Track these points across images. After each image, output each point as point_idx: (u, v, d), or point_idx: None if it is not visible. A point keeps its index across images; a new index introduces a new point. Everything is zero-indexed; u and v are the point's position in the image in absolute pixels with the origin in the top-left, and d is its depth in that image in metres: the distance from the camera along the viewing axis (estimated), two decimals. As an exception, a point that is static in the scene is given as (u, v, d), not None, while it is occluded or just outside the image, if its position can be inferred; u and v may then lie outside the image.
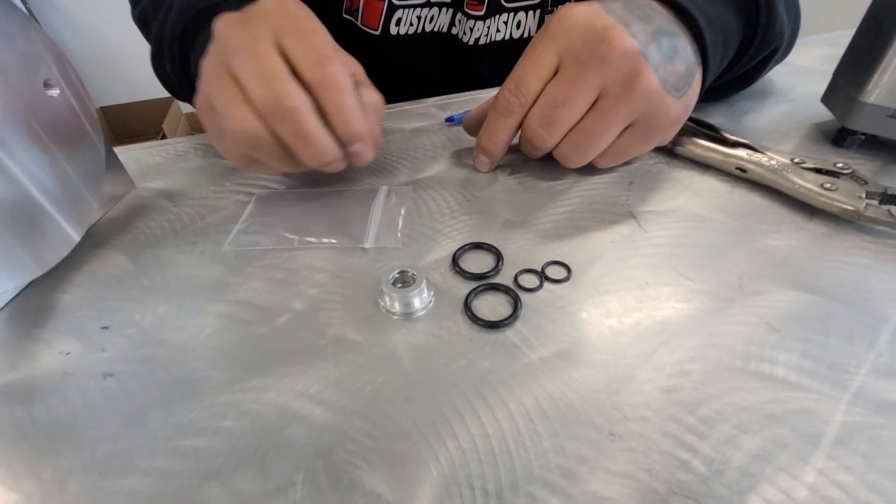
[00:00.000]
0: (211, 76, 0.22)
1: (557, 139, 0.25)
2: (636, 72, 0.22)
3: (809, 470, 0.14)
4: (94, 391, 0.18)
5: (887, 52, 0.25)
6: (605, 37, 0.22)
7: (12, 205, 0.21)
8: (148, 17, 0.31)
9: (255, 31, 0.21)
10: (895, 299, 0.19)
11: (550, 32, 0.24)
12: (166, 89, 0.35)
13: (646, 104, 0.23)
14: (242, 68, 0.21)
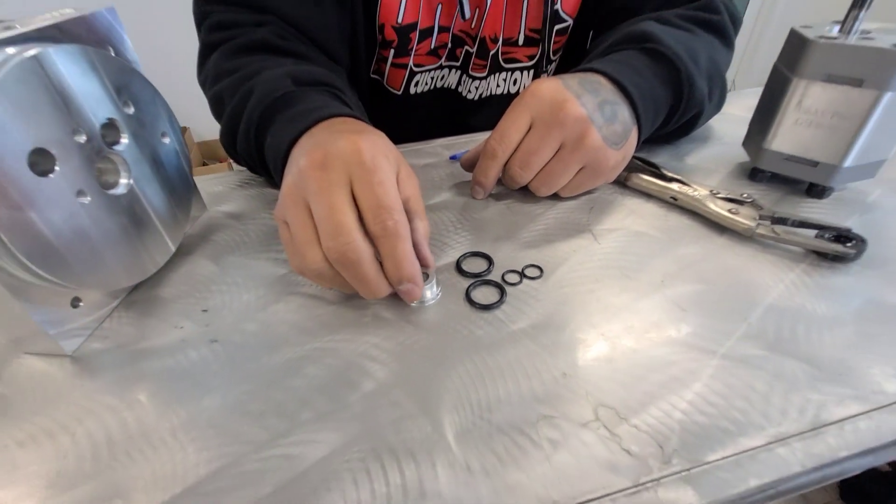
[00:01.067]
0: (292, 206, 0.25)
1: (531, 177, 0.35)
2: (584, 132, 0.31)
3: (690, 392, 0.22)
4: (206, 351, 0.26)
5: (778, 113, 0.34)
6: (563, 106, 0.31)
7: (138, 222, 0.29)
8: (225, 97, 0.37)
9: (332, 179, 0.24)
10: (768, 291, 0.27)
11: (525, 101, 0.33)
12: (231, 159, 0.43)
13: (592, 155, 0.32)
14: (319, 213, 0.24)
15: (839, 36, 0.31)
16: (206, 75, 0.41)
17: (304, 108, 0.31)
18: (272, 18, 0.41)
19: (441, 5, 0.49)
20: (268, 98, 0.33)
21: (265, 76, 0.34)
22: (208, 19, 0.42)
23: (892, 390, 0.21)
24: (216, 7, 0.42)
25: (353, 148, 0.25)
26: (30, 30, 0.24)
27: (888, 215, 0.33)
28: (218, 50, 0.40)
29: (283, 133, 0.30)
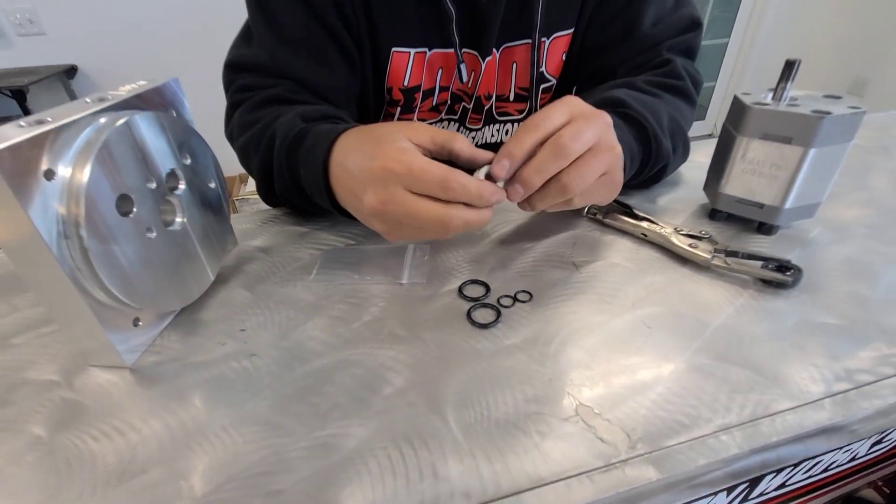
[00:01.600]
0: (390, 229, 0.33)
1: (563, 165, 0.32)
2: (614, 139, 0.34)
3: (653, 393, 0.26)
4: (247, 363, 0.30)
5: (728, 163, 0.40)
6: (599, 112, 0.34)
7: (187, 254, 0.34)
8: (250, 149, 0.44)
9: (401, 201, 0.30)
10: (720, 312, 0.32)
11: (564, 100, 0.34)
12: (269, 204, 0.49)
13: (616, 162, 0.34)
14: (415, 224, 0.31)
15: (771, 102, 0.37)
16: (231, 129, 0.48)
17: (316, 137, 0.37)
18: (289, 82, 0.48)
19: (441, 69, 0.56)
20: (287, 140, 0.39)
21: (280, 121, 0.41)
22: (235, 84, 0.49)
23: (815, 390, 0.26)
24: (241, 74, 0.49)
25: (389, 175, 0.30)
26: (119, 101, 0.30)
27: (824, 249, 0.38)
28: (241, 108, 0.47)
29: (311, 165, 0.37)
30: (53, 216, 0.25)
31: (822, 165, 0.37)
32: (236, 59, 0.49)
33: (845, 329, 0.31)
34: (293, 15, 0.47)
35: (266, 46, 0.47)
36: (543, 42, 0.56)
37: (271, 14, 0.47)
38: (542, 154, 0.32)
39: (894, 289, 0.34)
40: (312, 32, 0.48)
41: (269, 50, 0.47)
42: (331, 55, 0.49)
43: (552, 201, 0.34)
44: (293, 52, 0.47)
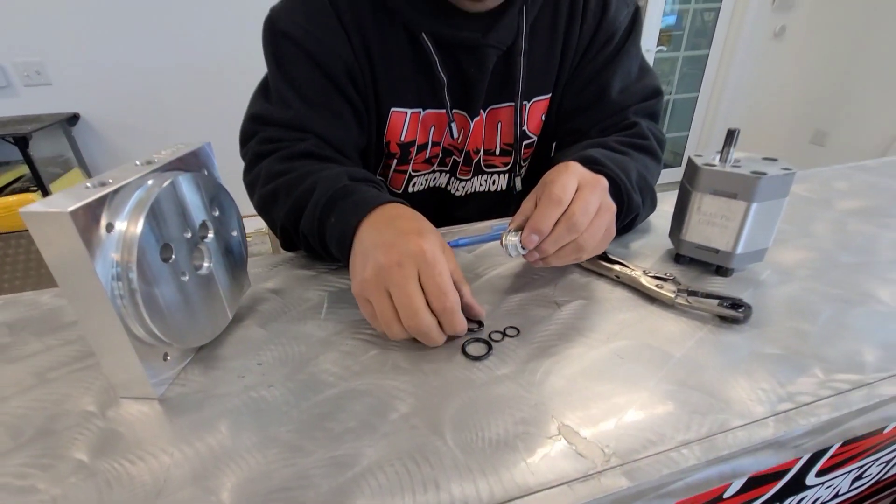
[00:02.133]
0: (376, 292, 0.35)
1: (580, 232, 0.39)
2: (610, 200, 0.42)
3: (625, 415, 0.31)
4: (265, 393, 0.34)
5: (687, 214, 0.46)
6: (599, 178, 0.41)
7: (211, 295, 0.38)
8: (280, 194, 0.48)
9: (407, 274, 0.34)
10: (683, 345, 0.37)
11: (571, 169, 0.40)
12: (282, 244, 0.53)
13: (612, 219, 0.42)
14: (399, 300, 0.34)
15: (719, 164, 0.44)
16: (255, 177, 0.53)
17: (362, 198, 0.42)
18: (310, 136, 0.53)
19: (434, 127, 0.63)
20: (331, 190, 0.43)
21: (325, 174, 0.46)
22: (258, 136, 0.54)
23: (761, 410, 0.31)
24: (265, 127, 0.55)
25: (419, 249, 0.35)
26: (164, 163, 0.35)
27: (771, 289, 0.44)
28: (269, 157, 0.52)
29: (347, 217, 0.41)
30: (110, 262, 0.29)
31: (764, 217, 0.43)
32: (260, 113, 0.55)
33: (789, 359, 0.35)
34: (312, 79, 0.54)
35: (288, 105, 0.53)
36: (525, 105, 0.63)
37: (292, 78, 0.54)
38: (559, 229, 0.39)
39: (830, 324, 0.39)
40: (329, 95, 0.55)
41: (292, 108, 0.53)
42: (345, 114, 0.56)
43: (567, 259, 0.42)
44: (313, 111, 0.54)
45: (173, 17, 2.04)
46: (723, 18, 2.92)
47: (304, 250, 0.52)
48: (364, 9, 0.54)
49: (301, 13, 0.54)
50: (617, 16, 0.61)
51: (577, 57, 0.62)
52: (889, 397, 0.32)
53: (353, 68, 0.55)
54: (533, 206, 0.41)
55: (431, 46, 0.56)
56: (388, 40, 0.56)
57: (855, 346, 0.37)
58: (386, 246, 0.36)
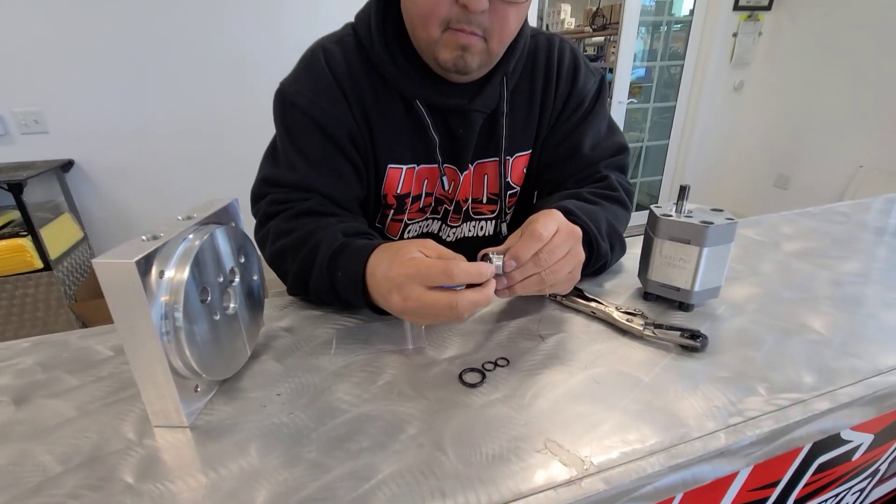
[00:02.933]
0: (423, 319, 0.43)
1: (551, 264, 0.45)
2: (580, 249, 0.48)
3: (601, 430, 0.36)
4: (286, 420, 0.38)
5: (651, 257, 0.53)
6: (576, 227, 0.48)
7: (235, 333, 0.43)
8: (287, 253, 0.55)
9: (414, 296, 0.41)
10: (650, 371, 0.43)
11: (553, 215, 0.47)
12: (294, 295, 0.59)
13: (578, 266, 0.48)
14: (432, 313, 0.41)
15: (674, 214, 0.52)
16: (265, 234, 0.59)
17: (356, 250, 0.49)
18: (315, 195, 0.60)
19: (427, 180, 0.70)
20: (330, 249, 0.50)
21: (326, 233, 0.53)
22: (268, 197, 0.61)
23: (712, 425, 0.36)
24: (274, 189, 0.61)
25: (400, 276, 0.41)
26: (202, 219, 0.40)
27: (725, 322, 0.51)
28: (277, 217, 0.58)
29: (351, 268, 0.48)
30: (160, 304, 0.34)
31: (714, 259, 0.50)
32: (270, 176, 0.61)
33: (738, 381, 0.41)
34: (317, 144, 0.61)
35: (294, 168, 0.60)
36: (508, 160, 0.72)
37: (299, 143, 0.61)
38: (529, 261, 0.45)
39: (773, 351, 0.46)
40: (332, 156, 0.62)
41: (298, 170, 0.60)
42: (346, 173, 0.63)
43: (530, 290, 0.46)
44: (317, 172, 0.60)
45: (170, 68, 2.14)
46: (686, 73, 3.18)
47: (315, 302, 0.57)
48: (364, 81, 0.62)
49: (307, 86, 0.62)
50: (586, 84, 0.71)
51: (552, 118, 0.71)
52: (821, 411, 0.38)
53: (354, 132, 0.63)
54: (517, 240, 0.47)
55: (425, 111, 0.64)
56: (386, 107, 0.64)
57: (794, 369, 0.43)
58: (387, 290, 0.43)
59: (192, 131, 2.28)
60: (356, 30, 0.64)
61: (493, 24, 0.55)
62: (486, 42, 0.57)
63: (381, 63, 0.62)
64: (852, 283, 0.59)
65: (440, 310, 0.40)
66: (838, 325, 0.50)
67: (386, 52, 0.62)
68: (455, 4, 0.53)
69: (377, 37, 0.61)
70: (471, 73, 0.61)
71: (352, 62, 0.62)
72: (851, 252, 0.68)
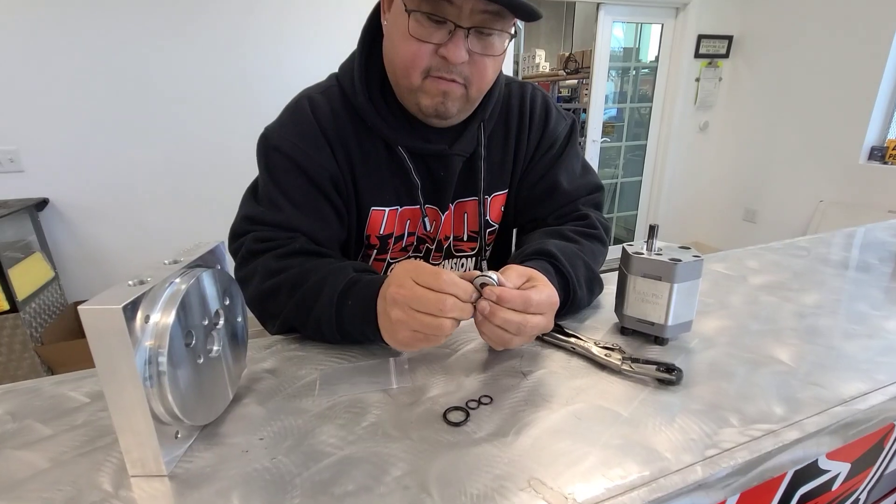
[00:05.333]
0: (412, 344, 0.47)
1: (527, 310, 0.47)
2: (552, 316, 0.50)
3: (583, 467, 0.36)
4: (269, 465, 0.37)
5: (626, 293, 0.55)
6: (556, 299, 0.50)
7: (217, 376, 0.42)
8: (283, 289, 0.56)
9: (406, 285, 0.46)
10: (629, 405, 0.44)
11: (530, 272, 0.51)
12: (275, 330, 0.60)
13: (553, 308, 0.50)
14: (424, 329, 0.45)
15: (646, 252, 0.54)
16: (251, 272, 0.59)
17: (371, 280, 0.52)
18: (298, 235, 0.61)
19: (409, 220, 0.72)
20: (343, 282, 0.53)
21: (332, 269, 0.55)
22: (250, 235, 0.61)
23: (688, 458, 0.38)
24: (257, 227, 0.62)
25: (402, 270, 0.47)
26: (188, 263, 0.41)
27: (699, 354, 0.53)
28: (265, 255, 0.59)
29: (364, 296, 0.51)
30: (144, 348, 0.34)
31: (685, 295, 0.52)
32: (253, 215, 0.62)
33: (712, 413, 0.43)
34: (300, 186, 0.63)
35: (279, 208, 0.62)
36: (486, 199, 0.75)
37: (283, 185, 0.63)
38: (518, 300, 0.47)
39: (745, 383, 0.47)
40: (315, 199, 0.63)
41: (283, 210, 0.61)
42: (328, 216, 0.64)
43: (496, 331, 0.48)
44: (301, 213, 0.62)
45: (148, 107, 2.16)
46: (655, 114, 3.37)
47: (308, 336, 0.57)
48: (346, 127, 0.65)
49: (291, 131, 0.64)
50: (556, 127, 0.75)
51: (526, 159, 0.75)
52: (792, 440, 0.40)
53: (337, 177, 0.65)
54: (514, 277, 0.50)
55: (406, 156, 0.67)
56: (369, 152, 0.67)
57: (763, 400, 0.45)
58: (389, 293, 0.47)
59: (171, 171, 2.28)
60: (340, 80, 0.68)
61: (472, 73, 0.59)
62: (466, 89, 0.61)
63: (364, 112, 0.65)
64: (814, 315, 0.62)
65: (428, 303, 0.44)
66: (803, 355, 0.52)
67: (369, 101, 0.65)
68: (435, 55, 0.57)
69: (360, 87, 0.65)
70: (450, 117, 0.64)
71: (336, 111, 0.65)
72: (812, 284, 0.72)
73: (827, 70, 2.83)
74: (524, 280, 0.50)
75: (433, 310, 0.44)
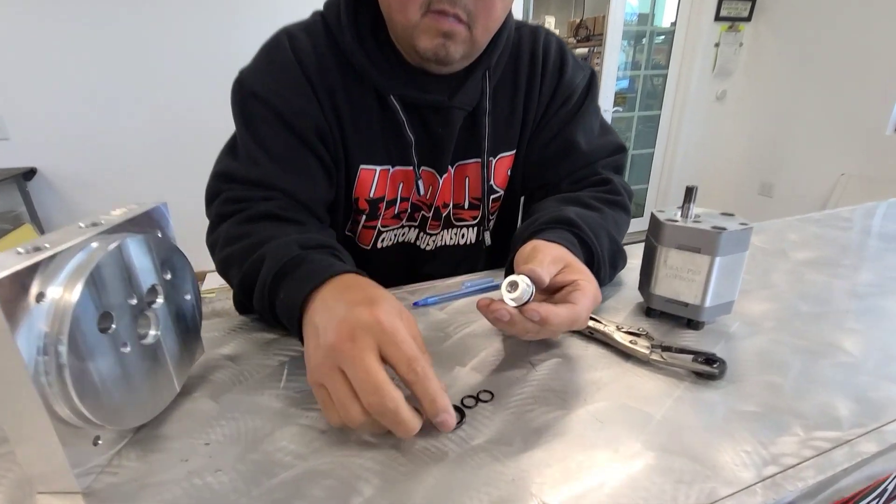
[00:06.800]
0: (329, 374, 0.31)
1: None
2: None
3: (607, 487, 0.29)
4: (211, 480, 0.30)
5: (654, 268, 0.46)
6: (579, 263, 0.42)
7: (157, 366, 0.35)
8: (234, 261, 0.46)
9: (363, 346, 0.30)
10: (661, 405, 0.36)
11: (562, 254, 0.42)
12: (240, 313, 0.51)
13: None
14: (357, 376, 0.29)
15: (680, 219, 0.45)
16: (215, 239, 0.51)
17: (309, 271, 0.39)
18: (277, 194, 0.52)
19: (402, 184, 0.63)
20: (279, 263, 0.41)
21: (275, 243, 0.44)
22: (223, 195, 0.53)
23: (747, 476, 0.29)
24: (230, 185, 0.53)
25: (374, 319, 0.31)
26: (112, 225, 0.32)
27: (742, 342, 0.44)
28: (230, 219, 0.50)
29: (295, 291, 0.38)
30: (36, 335, 0.26)
31: (727, 270, 0.44)
32: (226, 171, 0.53)
33: (766, 416, 0.35)
34: (280, 137, 0.54)
35: (256, 162, 0.52)
36: (491, 161, 0.65)
37: (260, 136, 0.53)
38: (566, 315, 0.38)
39: (802, 377, 0.39)
40: (298, 152, 0.54)
41: (260, 165, 0.52)
42: (313, 171, 0.55)
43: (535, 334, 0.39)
44: (281, 169, 0.53)
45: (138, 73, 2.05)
46: (670, 83, 3.19)
47: (267, 324, 0.49)
48: (333, 71, 0.55)
49: (269, 74, 0.55)
50: (574, 78, 0.65)
51: (538, 115, 0.65)
52: (871, 454, 0.31)
53: (323, 127, 0.56)
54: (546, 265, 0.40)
55: (400, 108, 0.57)
56: (357, 101, 0.57)
57: (827, 399, 0.36)
58: (336, 322, 0.32)
59: (162, 139, 2.18)
60: (325, 17, 0.57)
61: (478, 8, 0.49)
62: (470, 30, 0.51)
63: (351, 53, 0.55)
64: (872, 295, 0.53)
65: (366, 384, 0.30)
66: (869, 343, 0.43)
67: (357, 40, 0.55)
68: None
69: (347, 23, 0.54)
70: (452, 63, 0.54)
71: (320, 51, 0.55)
72: (863, 260, 0.63)
73: (856, 35, 2.64)
74: (560, 268, 0.41)
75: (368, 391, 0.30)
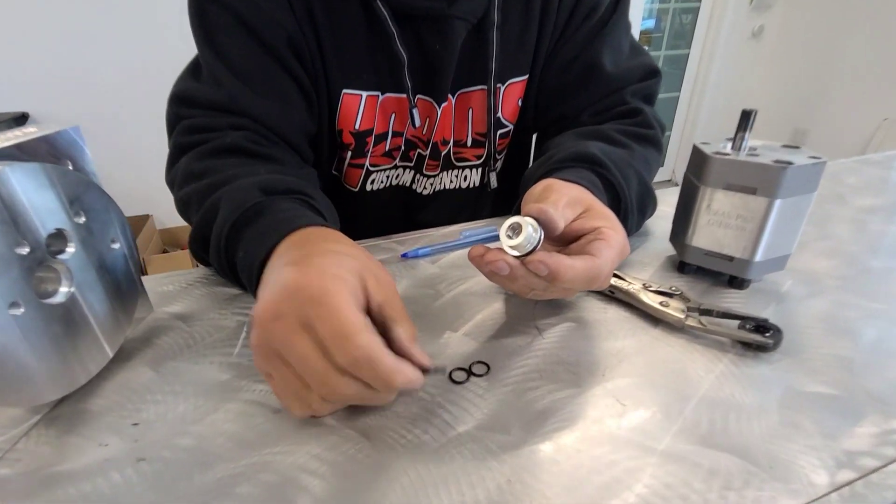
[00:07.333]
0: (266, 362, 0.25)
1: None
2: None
3: (632, 495, 0.22)
4: (130, 472, 0.24)
5: (693, 214, 0.38)
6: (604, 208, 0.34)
7: (74, 329, 0.28)
8: (192, 203, 0.38)
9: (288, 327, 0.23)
10: (700, 383, 0.28)
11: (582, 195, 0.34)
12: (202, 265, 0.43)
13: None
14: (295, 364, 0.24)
15: (731, 152, 0.36)
16: (174, 175, 0.43)
17: (273, 220, 0.32)
18: (247, 121, 0.43)
19: (395, 114, 0.54)
20: (237, 212, 0.33)
21: (234, 186, 0.36)
22: (182, 122, 0.44)
23: (821, 482, 0.22)
24: (190, 111, 0.44)
25: (295, 286, 0.24)
26: (-13, 150, 0.25)
27: (799, 305, 0.36)
28: (189, 152, 0.42)
29: (254, 248, 0.31)
30: None
31: (788, 216, 0.35)
32: (184, 93, 0.45)
33: (836, 399, 0.27)
34: (245, 49, 0.44)
35: (220, 82, 0.43)
36: (499, 88, 0.55)
37: (224, 50, 0.44)
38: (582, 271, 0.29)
39: (878, 348, 0.31)
40: (269, 69, 0.45)
41: (224, 86, 0.43)
42: (289, 93, 0.46)
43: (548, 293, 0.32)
44: (250, 88, 0.44)
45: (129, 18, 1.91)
46: (702, 18, 2.91)
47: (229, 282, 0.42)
48: None
49: None
50: None
51: (556, 31, 0.54)
52: (975, 453, 0.24)
53: (298, 39, 0.46)
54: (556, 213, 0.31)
55: (389, 17, 0.47)
56: (338, 9, 0.47)
57: (915, 378, 0.29)
58: (266, 293, 0.25)
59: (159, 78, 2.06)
60: None
61: None
62: None
63: None
64: (955, 249, 0.44)
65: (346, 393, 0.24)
66: (960, 308, 0.35)
67: None
68: None
69: None
70: None
71: None
72: (938, 208, 0.53)
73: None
74: (578, 213, 0.33)
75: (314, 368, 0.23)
